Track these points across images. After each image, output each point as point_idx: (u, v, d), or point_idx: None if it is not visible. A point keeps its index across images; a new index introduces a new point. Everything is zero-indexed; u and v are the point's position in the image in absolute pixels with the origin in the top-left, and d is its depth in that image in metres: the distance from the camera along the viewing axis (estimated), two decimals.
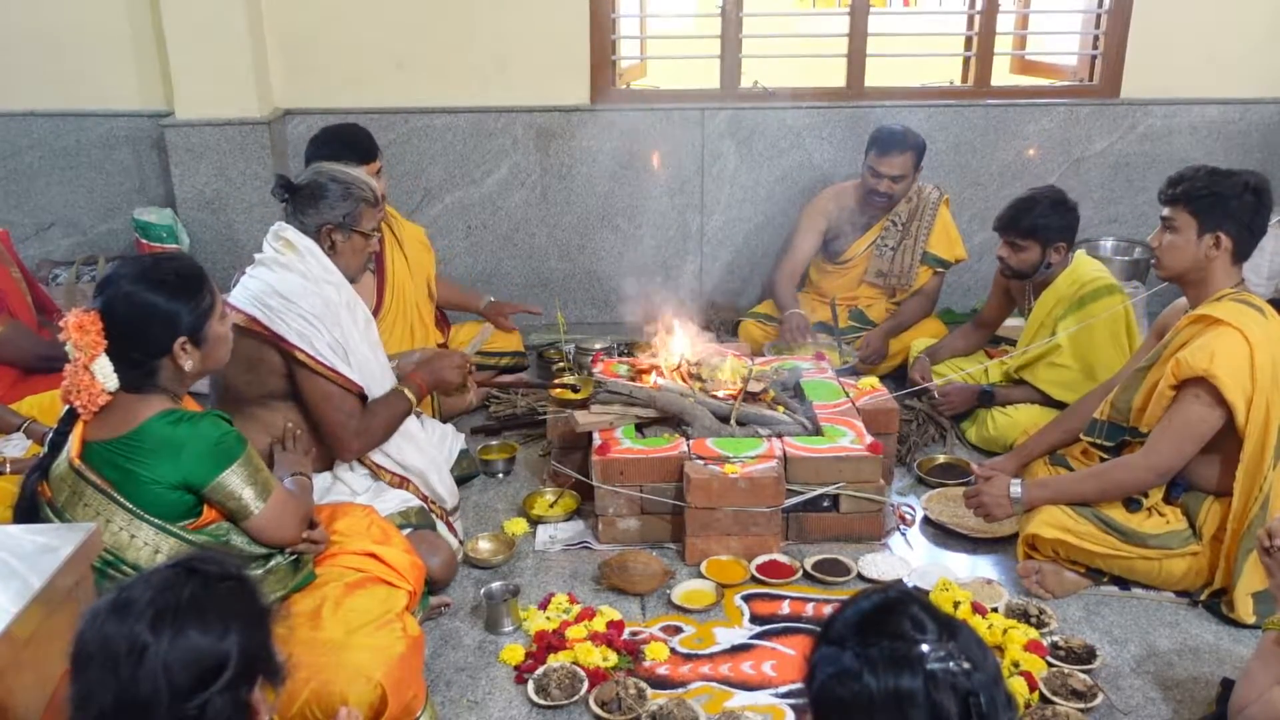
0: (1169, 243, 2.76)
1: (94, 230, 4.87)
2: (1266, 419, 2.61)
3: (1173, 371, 2.65)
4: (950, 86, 5.07)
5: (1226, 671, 2.44)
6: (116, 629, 1.34)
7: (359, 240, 2.88)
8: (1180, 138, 4.81)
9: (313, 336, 2.71)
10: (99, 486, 2.08)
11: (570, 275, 4.99)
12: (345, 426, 2.78)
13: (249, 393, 2.74)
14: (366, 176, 2.96)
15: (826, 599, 2.84)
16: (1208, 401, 2.61)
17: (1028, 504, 2.85)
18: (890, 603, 1.28)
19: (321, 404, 2.75)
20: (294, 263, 2.78)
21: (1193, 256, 2.73)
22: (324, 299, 2.76)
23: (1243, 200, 2.68)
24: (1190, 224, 2.71)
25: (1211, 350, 2.58)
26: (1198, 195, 2.70)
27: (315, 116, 4.66)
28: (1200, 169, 2.74)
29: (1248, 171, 2.75)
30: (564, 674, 2.49)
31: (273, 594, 2.22)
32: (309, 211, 2.83)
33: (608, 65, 4.74)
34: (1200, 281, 2.75)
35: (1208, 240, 2.70)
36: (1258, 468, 2.62)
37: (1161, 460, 2.69)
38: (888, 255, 4.30)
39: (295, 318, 2.70)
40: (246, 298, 2.72)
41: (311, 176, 2.88)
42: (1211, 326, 2.65)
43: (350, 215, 2.84)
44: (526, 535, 3.17)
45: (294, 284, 2.74)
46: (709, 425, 3.23)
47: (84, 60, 4.67)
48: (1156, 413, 2.71)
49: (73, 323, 2.05)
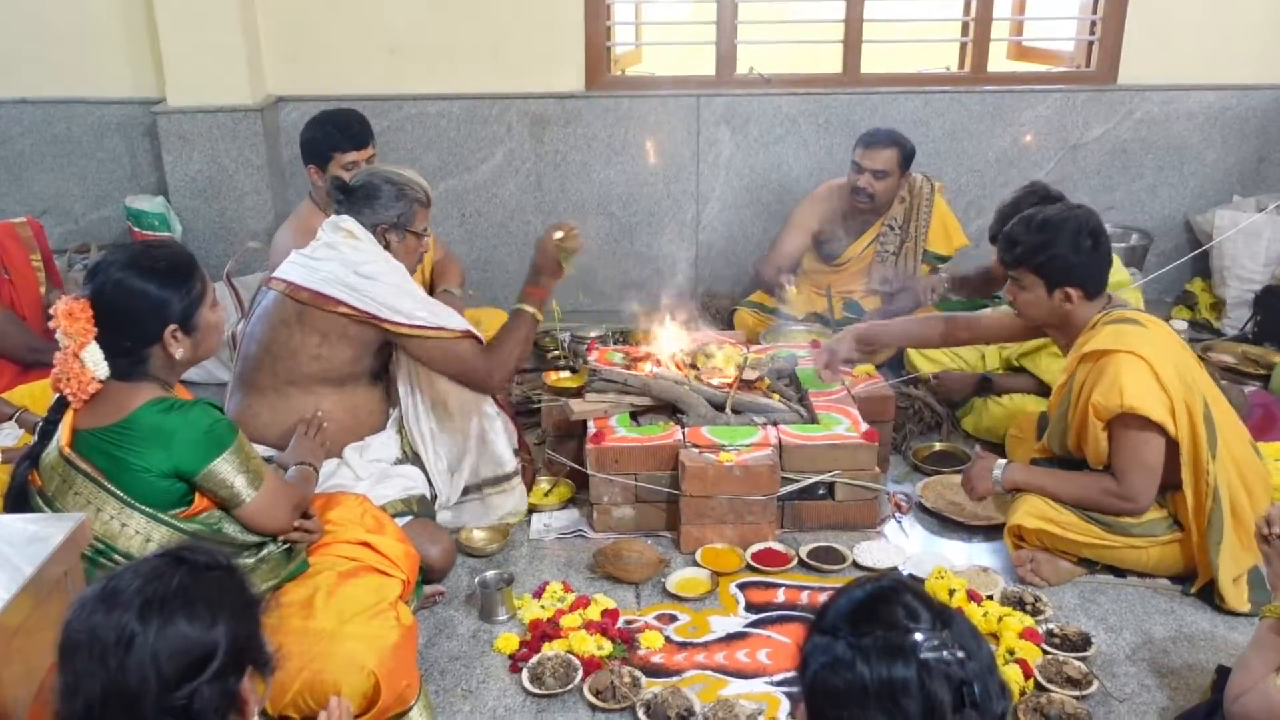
0: (1023, 300, 2.83)
1: (86, 218, 4.85)
2: (1190, 419, 2.65)
3: (1094, 415, 2.68)
4: (947, 73, 5.05)
5: (1222, 659, 2.44)
6: (104, 619, 1.34)
7: (412, 240, 2.94)
8: (1178, 123, 4.79)
9: (404, 305, 2.77)
10: (89, 475, 2.08)
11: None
12: (476, 369, 2.87)
13: (305, 370, 2.78)
14: (419, 178, 3.00)
15: (821, 587, 2.83)
16: (1140, 427, 2.64)
17: (1008, 483, 2.86)
18: (883, 592, 1.28)
19: (442, 361, 2.85)
20: (362, 247, 2.83)
21: (1049, 309, 2.80)
22: (401, 269, 2.85)
23: (1079, 251, 2.72)
24: (1037, 283, 2.78)
25: (1119, 386, 2.61)
26: (1037, 258, 2.74)
27: (308, 103, 4.62)
28: (1031, 224, 2.77)
29: (1075, 213, 2.78)
30: (559, 663, 2.49)
31: (265, 583, 2.22)
32: (364, 212, 2.87)
33: (603, 52, 4.71)
34: (1064, 324, 2.82)
35: (1058, 295, 2.76)
36: (1199, 463, 2.65)
37: (1137, 494, 2.71)
38: (890, 261, 4.23)
39: (383, 292, 2.76)
40: (319, 279, 2.76)
41: (366, 178, 2.92)
42: (1104, 359, 2.67)
43: (404, 215, 2.89)
44: (521, 523, 3.17)
45: (371, 259, 2.80)
46: (704, 413, 3.22)
47: (75, 47, 4.63)
48: (1098, 448, 2.73)
49: (62, 310, 2.04)
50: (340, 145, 3.46)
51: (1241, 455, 2.73)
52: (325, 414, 2.79)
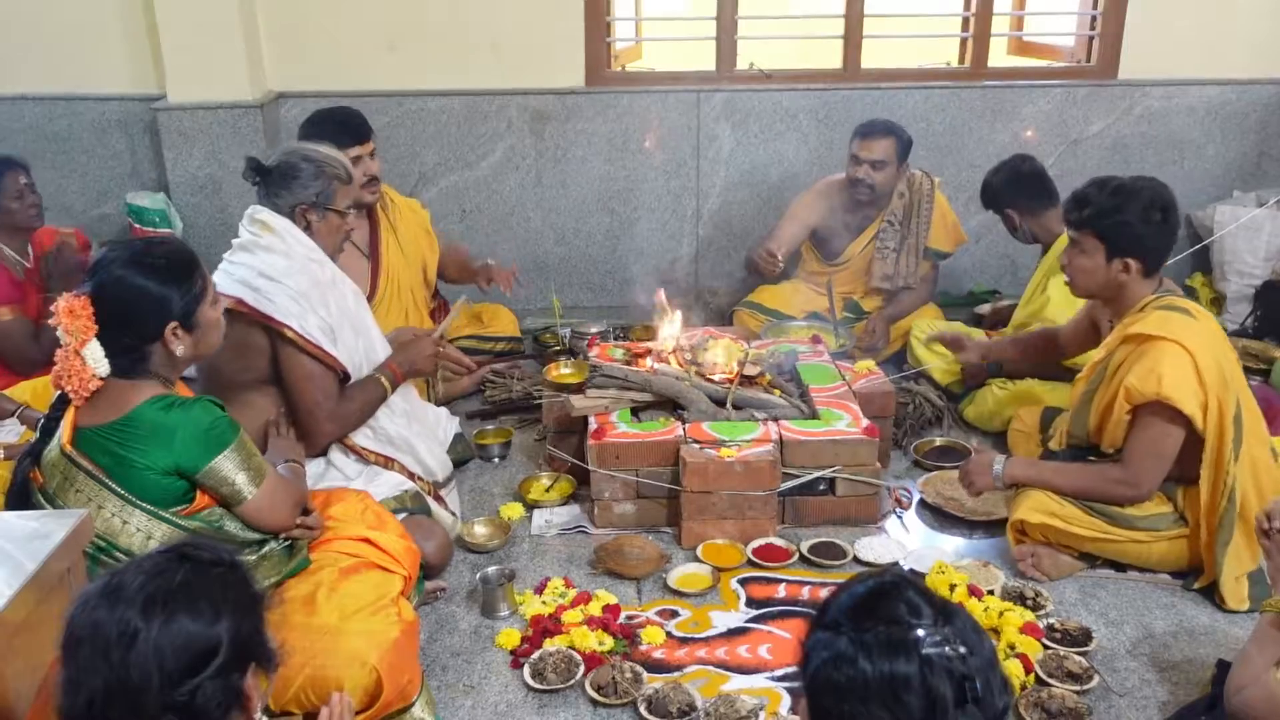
0: (1078, 265, 2.78)
1: (87, 215, 4.83)
2: (1221, 417, 2.63)
3: (1124, 398, 2.66)
4: (947, 68, 5.05)
5: (1222, 653, 2.44)
6: (107, 614, 1.34)
7: (334, 219, 2.85)
8: (1178, 118, 4.79)
9: (301, 315, 2.69)
10: (91, 472, 2.07)
11: (565, 259, 4.97)
12: (321, 407, 2.75)
13: (239, 378, 2.72)
14: (338, 154, 2.93)
15: (823, 582, 2.84)
16: (1167, 418, 2.63)
17: (1008, 479, 2.86)
18: (885, 587, 1.28)
19: (303, 383, 2.73)
20: (275, 244, 2.75)
21: (1103, 279, 2.75)
22: (311, 277, 2.75)
23: (1149, 223, 2.68)
24: (1098, 248, 2.73)
25: (1158, 373, 2.59)
26: (1104, 221, 2.69)
27: (308, 99, 4.63)
28: (1105, 187, 2.73)
29: (1151, 186, 2.73)
30: (560, 658, 2.49)
31: (267, 580, 2.22)
32: (282, 193, 2.80)
33: (602, 47, 4.71)
34: (1115, 299, 2.79)
35: (1116, 265, 2.72)
36: (1220, 462, 2.65)
37: (1140, 479, 2.71)
38: (890, 258, 4.21)
39: (283, 297, 2.68)
40: (230, 281, 2.70)
41: (283, 157, 2.84)
42: (1147, 344, 2.65)
43: (324, 194, 2.81)
44: (522, 520, 3.17)
45: (278, 264, 2.72)
46: (705, 409, 3.22)
47: (75, 44, 4.63)
48: (1117, 432, 2.73)
49: (63, 307, 2.04)
50: (341, 141, 3.45)
51: (1260, 458, 2.71)
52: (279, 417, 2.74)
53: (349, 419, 2.83)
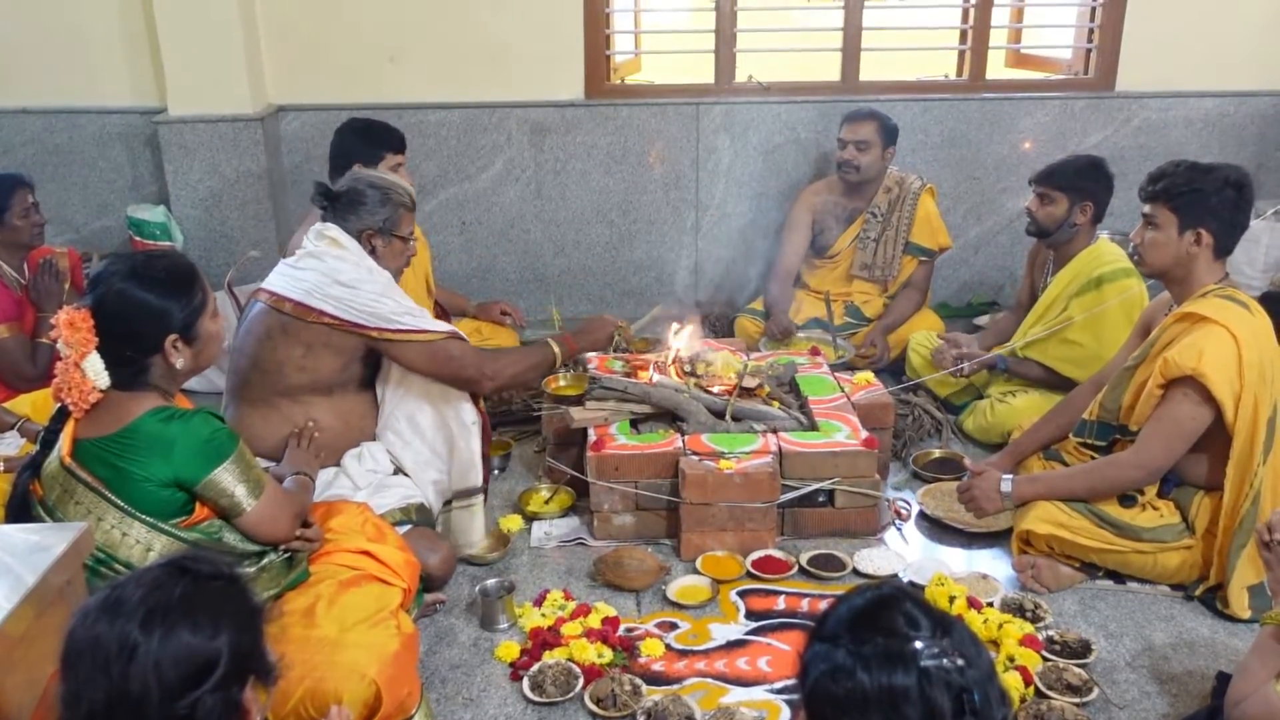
0: (1150, 239, 2.77)
1: (87, 228, 4.85)
2: (1255, 415, 2.61)
3: (1160, 371, 2.65)
4: (945, 80, 5.06)
5: (1222, 665, 2.44)
6: (107, 628, 1.34)
7: (398, 245, 2.92)
8: (1176, 130, 4.81)
9: (387, 312, 2.76)
10: (90, 485, 2.08)
11: (565, 271, 4.98)
12: (468, 366, 2.85)
13: (292, 381, 2.76)
14: (403, 181, 3.00)
15: (822, 594, 2.84)
16: (1196, 400, 2.62)
17: (1017, 499, 2.86)
18: (884, 599, 1.28)
19: (430, 362, 2.82)
20: (346, 255, 2.82)
21: (1174, 253, 2.73)
22: (385, 276, 2.84)
23: (1223, 196, 2.68)
24: (1171, 221, 2.71)
25: (1200, 349, 2.59)
26: (1178, 192, 2.70)
27: (308, 112, 4.65)
28: (1181, 164, 2.74)
29: (1229, 166, 2.75)
30: (559, 670, 2.49)
31: (266, 592, 2.21)
32: (349, 218, 2.85)
33: (602, 60, 4.73)
34: (1183, 278, 2.76)
35: (1189, 237, 2.70)
36: (1248, 464, 2.63)
37: (1152, 459, 2.70)
38: (870, 247, 4.32)
39: (365, 300, 2.75)
40: (302, 289, 2.75)
41: (350, 183, 2.90)
42: (1198, 324, 2.65)
43: (389, 220, 2.87)
44: (521, 532, 3.17)
45: (351, 271, 2.78)
46: (704, 421, 3.22)
47: (77, 57, 4.65)
48: (1145, 411, 2.72)
49: (63, 320, 2.04)
50: (391, 146, 3.53)
51: None
52: (316, 422, 2.78)
53: (508, 369, 2.95)
